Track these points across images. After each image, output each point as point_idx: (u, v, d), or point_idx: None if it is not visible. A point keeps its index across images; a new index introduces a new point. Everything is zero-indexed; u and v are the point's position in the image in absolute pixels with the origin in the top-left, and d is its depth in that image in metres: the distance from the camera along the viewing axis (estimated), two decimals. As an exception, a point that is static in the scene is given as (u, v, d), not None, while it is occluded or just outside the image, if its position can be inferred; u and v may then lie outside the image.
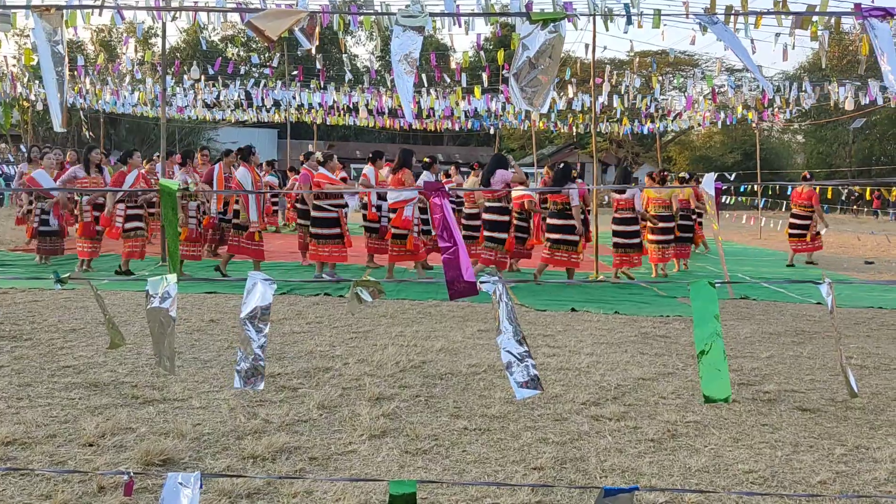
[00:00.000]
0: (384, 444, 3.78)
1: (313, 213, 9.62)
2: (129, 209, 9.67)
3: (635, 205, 10.36)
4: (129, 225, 9.58)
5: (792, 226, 13.20)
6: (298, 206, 11.98)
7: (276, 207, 17.67)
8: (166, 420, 4.04)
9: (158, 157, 14.26)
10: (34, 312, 6.88)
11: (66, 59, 1.77)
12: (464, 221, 10.94)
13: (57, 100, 1.77)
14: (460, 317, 7.26)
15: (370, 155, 11.19)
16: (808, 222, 13.02)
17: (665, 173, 11.71)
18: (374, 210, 10.63)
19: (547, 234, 9.83)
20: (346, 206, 9.69)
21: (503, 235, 9.64)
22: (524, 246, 10.24)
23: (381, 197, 10.45)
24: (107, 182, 9.86)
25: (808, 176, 14.75)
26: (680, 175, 11.56)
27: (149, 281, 1.80)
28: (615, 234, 10.53)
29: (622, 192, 10.23)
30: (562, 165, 9.91)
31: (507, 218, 9.68)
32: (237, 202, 9.48)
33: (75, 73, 20.78)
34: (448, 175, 13.78)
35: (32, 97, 23.45)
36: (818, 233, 13.04)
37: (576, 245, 9.63)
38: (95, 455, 3.52)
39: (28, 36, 37.12)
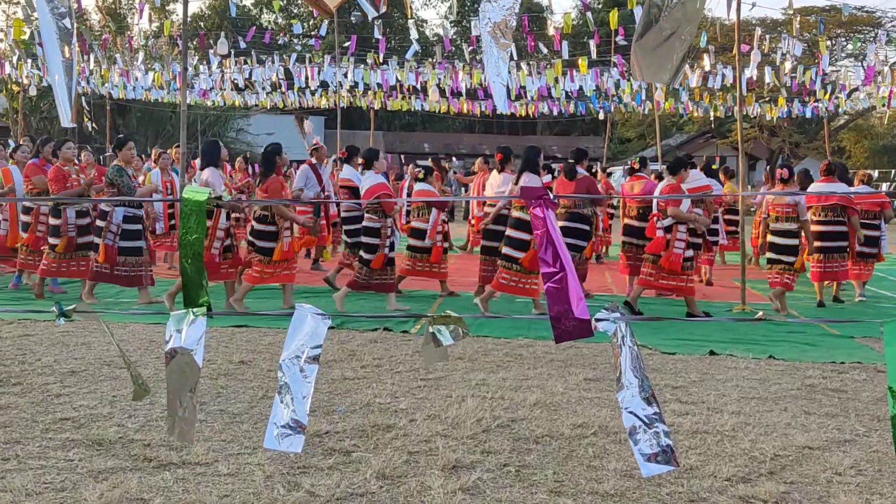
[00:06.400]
0: (463, 528, 3.77)
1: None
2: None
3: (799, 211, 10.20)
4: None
5: None
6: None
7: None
8: (186, 489, 4.13)
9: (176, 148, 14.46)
10: (25, 350, 7.16)
11: (76, 37, 1.84)
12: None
13: (65, 88, 1.84)
14: (560, 361, 7.21)
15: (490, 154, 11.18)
16: None
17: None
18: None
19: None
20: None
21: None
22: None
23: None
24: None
25: None
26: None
27: (171, 315, 1.85)
28: (772, 247, 10.29)
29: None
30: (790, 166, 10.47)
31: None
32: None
33: (78, 49, 21.67)
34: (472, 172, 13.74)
35: (24, 80, 24.49)
36: None
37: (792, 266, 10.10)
38: (99, 533, 3.62)
39: (17, 3, 38.92)
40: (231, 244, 9.57)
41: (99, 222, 9.92)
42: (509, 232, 9.67)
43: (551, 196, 1.99)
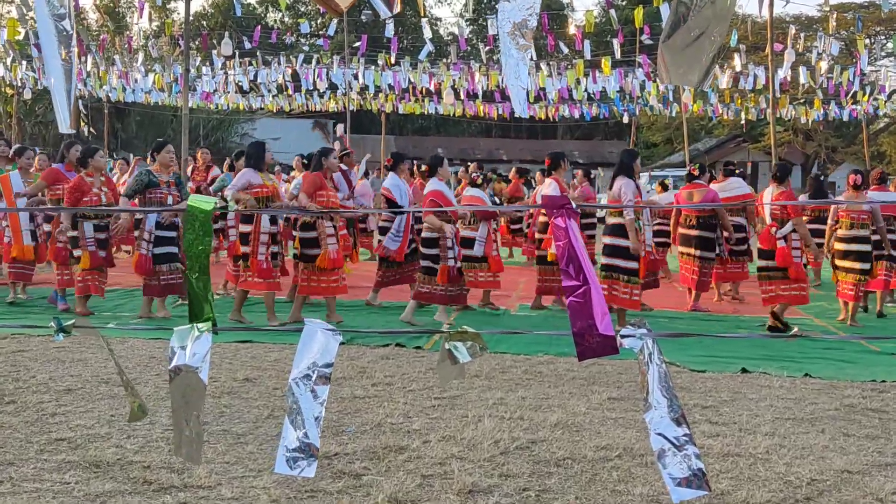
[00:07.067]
0: (480, 556, 3.76)
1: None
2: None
3: (876, 217, 10.39)
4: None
5: None
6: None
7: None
8: (188, 514, 4.13)
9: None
10: (19, 366, 7.19)
11: (75, 39, 1.86)
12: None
13: (63, 92, 1.86)
14: (583, 379, 7.19)
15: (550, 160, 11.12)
16: None
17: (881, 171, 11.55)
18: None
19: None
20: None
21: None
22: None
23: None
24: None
25: None
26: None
27: (175, 331, 1.86)
28: (846, 255, 10.46)
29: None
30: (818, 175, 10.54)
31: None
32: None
33: (76, 51, 21.72)
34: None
35: (18, 82, 24.65)
36: None
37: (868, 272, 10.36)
38: (96, 559, 3.64)
39: (11, 1, 39.11)
40: (278, 251, 9.53)
41: (137, 232, 9.84)
42: (611, 241, 9.70)
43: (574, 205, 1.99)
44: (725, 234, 11.21)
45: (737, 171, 12.72)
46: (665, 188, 14.50)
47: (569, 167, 11.27)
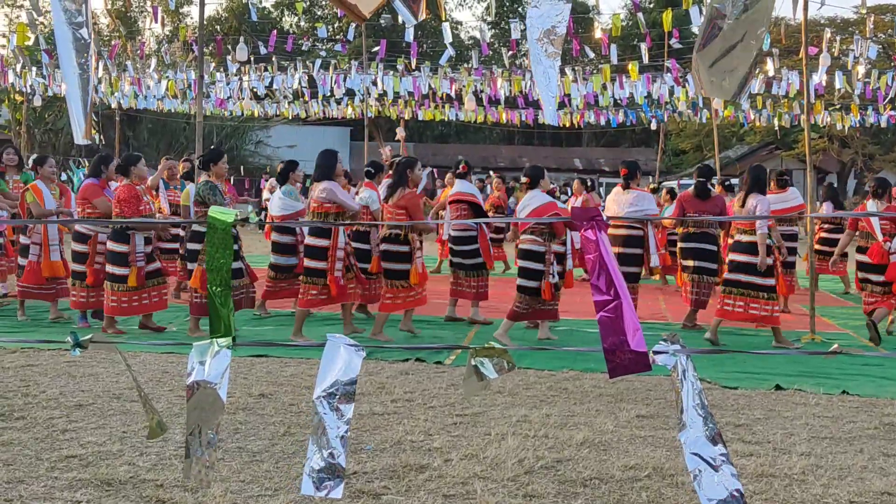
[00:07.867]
0: (505, 580, 3.76)
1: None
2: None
3: None
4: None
5: None
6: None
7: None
8: (202, 535, 4.15)
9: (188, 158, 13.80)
10: (28, 381, 7.24)
11: (93, 48, 1.89)
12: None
13: (80, 102, 1.89)
14: (610, 395, 7.18)
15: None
16: None
17: None
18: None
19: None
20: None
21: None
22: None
23: None
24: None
25: None
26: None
27: (194, 346, 1.87)
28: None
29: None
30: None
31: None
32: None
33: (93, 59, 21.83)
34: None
35: (27, 89, 24.85)
36: None
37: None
38: (109, 581, 3.66)
39: (21, 6, 39.48)
40: (351, 263, 9.51)
41: (191, 245, 9.54)
42: (739, 257, 9.79)
43: (604, 217, 2.00)
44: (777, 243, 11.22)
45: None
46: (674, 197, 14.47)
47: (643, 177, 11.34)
